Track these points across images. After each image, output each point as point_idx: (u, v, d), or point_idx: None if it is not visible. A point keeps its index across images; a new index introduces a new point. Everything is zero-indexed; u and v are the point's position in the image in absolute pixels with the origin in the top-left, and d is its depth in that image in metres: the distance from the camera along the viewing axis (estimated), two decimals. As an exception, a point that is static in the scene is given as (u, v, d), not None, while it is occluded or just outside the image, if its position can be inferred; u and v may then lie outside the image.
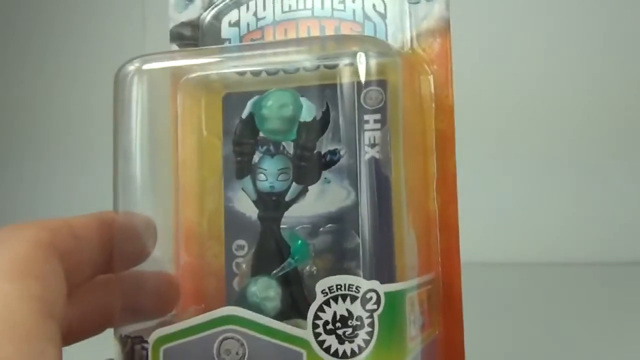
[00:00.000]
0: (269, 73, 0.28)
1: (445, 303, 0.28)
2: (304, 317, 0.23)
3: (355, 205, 0.24)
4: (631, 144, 0.85)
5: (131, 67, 0.25)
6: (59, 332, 0.19)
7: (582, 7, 0.85)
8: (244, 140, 0.25)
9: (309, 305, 0.24)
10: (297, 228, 0.26)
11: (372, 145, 0.24)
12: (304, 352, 0.21)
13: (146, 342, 0.22)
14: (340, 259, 0.25)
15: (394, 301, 0.21)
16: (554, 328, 0.51)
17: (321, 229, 0.26)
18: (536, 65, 0.85)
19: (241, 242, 0.28)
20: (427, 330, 0.25)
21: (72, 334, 0.23)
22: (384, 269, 0.23)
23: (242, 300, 0.24)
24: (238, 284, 0.27)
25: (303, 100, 0.25)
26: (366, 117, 0.24)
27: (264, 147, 0.26)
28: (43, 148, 0.99)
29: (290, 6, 0.30)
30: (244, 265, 0.26)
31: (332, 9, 0.30)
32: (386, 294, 0.21)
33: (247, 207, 0.27)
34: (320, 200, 0.26)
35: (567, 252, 0.81)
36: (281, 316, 0.23)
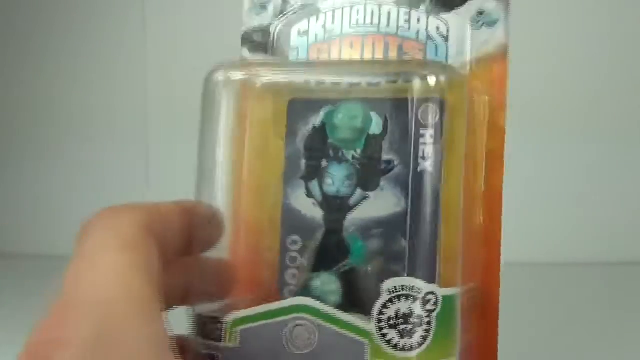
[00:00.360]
0: (333, 84, 0.30)
1: (482, 313, 0.30)
2: (360, 312, 0.25)
3: (408, 212, 0.27)
4: (632, 145, 0.86)
5: (219, 76, 0.27)
6: (163, 303, 0.22)
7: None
8: (315, 146, 0.28)
9: (364, 301, 0.26)
10: (353, 230, 0.28)
11: (426, 159, 0.26)
12: (367, 342, 0.23)
13: (222, 322, 0.25)
14: (392, 262, 0.28)
15: (449, 304, 0.24)
16: (554, 328, 0.52)
17: (376, 233, 0.28)
18: (537, 66, 0.86)
19: (296, 237, 0.30)
20: (465, 336, 0.28)
21: None
22: (430, 274, 0.26)
23: (306, 292, 0.26)
24: (292, 276, 0.30)
25: (372, 114, 0.27)
26: (422, 131, 0.26)
27: (333, 154, 0.28)
28: (43, 148, 1.00)
29: (357, 21, 0.32)
30: (305, 261, 0.28)
31: (397, 27, 0.32)
32: (443, 297, 0.24)
33: (304, 205, 0.29)
34: (377, 205, 0.28)
35: (567, 252, 0.82)
36: (340, 309, 0.25)
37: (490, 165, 0.30)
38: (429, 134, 0.26)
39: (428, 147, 0.26)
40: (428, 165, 0.26)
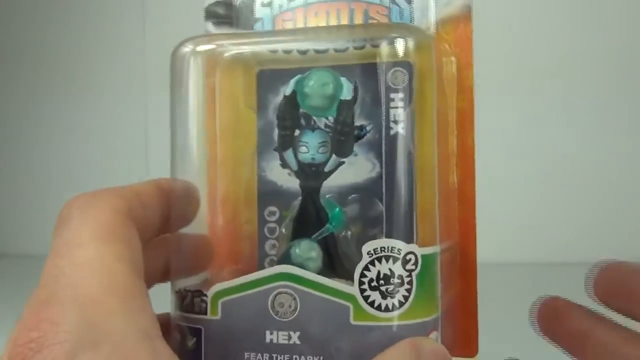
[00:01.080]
0: (301, 52, 0.30)
1: (461, 268, 0.30)
2: (340, 276, 0.26)
3: (383, 176, 0.27)
4: (632, 147, 0.87)
5: (186, 49, 0.27)
6: (147, 290, 0.21)
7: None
8: (287, 116, 0.28)
9: (344, 265, 0.26)
10: (327, 196, 0.28)
11: (397, 122, 0.27)
12: (350, 305, 0.23)
13: (205, 295, 0.25)
14: (370, 226, 0.28)
15: (429, 262, 0.24)
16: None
17: (353, 198, 0.28)
18: (534, 57, 0.86)
19: (273, 208, 0.30)
20: (447, 292, 0.28)
21: None
22: (408, 235, 0.26)
23: (286, 260, 0.26)
24: (271, 247, 0.30)
25: (343, 79, 0.27)
26: (392, 95, 0.27)
27: (306, 122, 0.28)
28: (43, 149, 0.99)
29: (320, -12, 0.32)
30: (283, 230, 0.28)
31: (361, -8, 0.32)
32: (422, 256, 0.24)
33: (279, 176, 0.30)
34: (352, 171, 0.28)
35: (568, 252, 0.84)
36: (321, 275, 0.25)
37: (461, 124, 0.31)
38: (399, 98, 0.27)
39: (399, 111, 0.26)
40: (400, 128, 0.26)
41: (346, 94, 0.27)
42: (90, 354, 0.19)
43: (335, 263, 0.27)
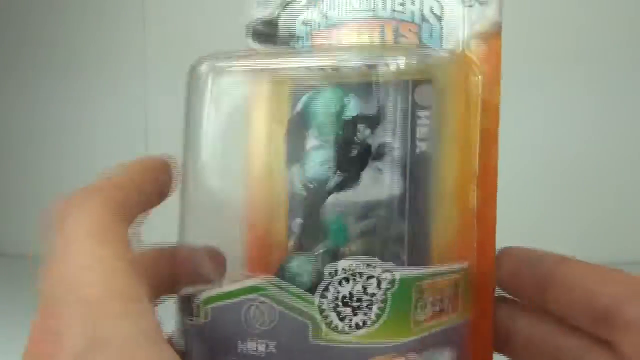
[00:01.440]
0: (333, 70, 0.31)
1: (477, 292, 0.29)
2: None
3: (398, 194, 0.27)
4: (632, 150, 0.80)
5: (204, 66, 0.28)
6: (149, 292, 0.21)
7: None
8: (296, 132, 0.28)
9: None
10: (337, 212, 0.29)
11: (421, 140, 0.27)
12: (309, 323, 0.24)
13: (198, 299, 0.26)
14: (376, 243, 0.28)
15: (405, 284, 0.24)
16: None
17: (357, 215, 0.28)
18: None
19: (300, 220, 0.31)
20: (448, 316, 0.27)
21: None
22: (419, 255, 0.26)
23: (281, 273, 0.27)
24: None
25: (350, 97, 0.28)
26: (418, 113, 0.27)
27: (313, 139, 0.28)
28: (43, 150, 1.03)
29: (354, 6, 0.33)
30: (291, 243, 0.29)
31: (393, 10, 0.32)
32: (401, 276, 0.24)
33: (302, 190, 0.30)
34: (357, 188, 0.28)
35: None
36: (309, 291, 0.25)
37: (485, 143, 0.30)
38: (424, 115, 0.27)
39: (423, 129, 0.27)
40: (424, 146, 0.26)
41: (352, 111, 0.27)
42: (97, 358, 0.19)
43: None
